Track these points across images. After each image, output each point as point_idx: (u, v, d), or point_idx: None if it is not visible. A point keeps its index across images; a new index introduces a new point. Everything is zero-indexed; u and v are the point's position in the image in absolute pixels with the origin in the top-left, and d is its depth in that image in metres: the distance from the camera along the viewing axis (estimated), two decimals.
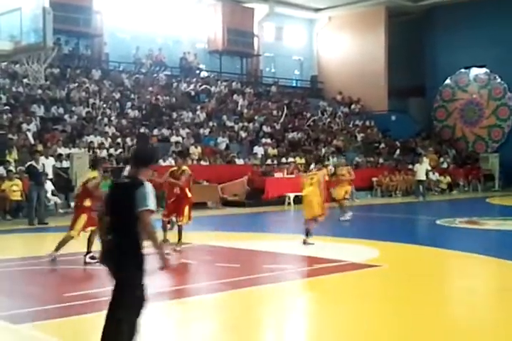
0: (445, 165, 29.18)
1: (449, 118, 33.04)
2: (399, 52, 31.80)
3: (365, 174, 24.95)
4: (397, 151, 29.51)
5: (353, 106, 33.15)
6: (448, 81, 32.85)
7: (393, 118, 32.27)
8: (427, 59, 33.05)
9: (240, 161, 22.94)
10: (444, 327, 6.32)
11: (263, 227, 16.35)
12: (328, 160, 24.23)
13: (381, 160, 27.85)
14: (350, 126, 31.27)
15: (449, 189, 27.76)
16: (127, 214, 4.64)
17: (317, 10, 34.10)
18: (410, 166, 26.28)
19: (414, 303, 7.36)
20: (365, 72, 32.23)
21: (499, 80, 31.07)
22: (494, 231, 14.55)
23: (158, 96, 25.22)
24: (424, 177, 23.87)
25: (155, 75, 27.46)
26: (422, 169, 23.75)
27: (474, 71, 31.97)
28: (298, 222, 18.61)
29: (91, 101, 23.23)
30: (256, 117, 27.47)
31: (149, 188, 4.73)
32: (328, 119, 30.93)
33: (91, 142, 20.62)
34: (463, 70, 32.25)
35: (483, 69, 31.58)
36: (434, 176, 26.87)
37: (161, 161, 21.14)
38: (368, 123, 32.02)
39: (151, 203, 4.67)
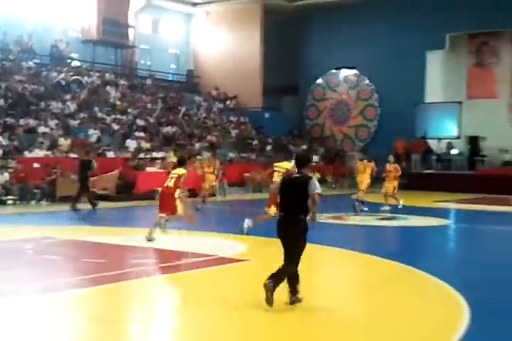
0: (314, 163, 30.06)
1: (320, 116, 34.12)
2: (274, 50, 32.41)
3: (237, 170, 25.27)
4: (268, 147, 30.05)
5: (228, 102, 33.39)
6: (319, 80, 33.90)
7: (267, 115, 32.87)
8: (301, 58, 33.92)
9: (111, 154, 22.45)
10: (306, 323, 6.50)
11: (132, 222, 16.10)
12: (201, 155, 24.29)
13: (253, 157, 28.28)
14: (225, 121, 31.49)
15: None
16: (302, 197, 6.86)
17: (195, 4, 34.09)
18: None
19: (278, 298, 7.50)
20: (241, 69, 32.56)
21: (367, 82, 32.47)
22: (358, 226, 15.20)
23: (26, 85, 24.13)
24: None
25: (23, 63, 26.20)
26: (292, 166, 24.30)
27: (344, 72, 33.20)
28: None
29: None
30: (129, 110, 26.99)
31: (316, 180, 7.01)
32: (204, 114, 30.98)
33: None
34: (334, 71, 33.39)
35: (353, 71, 32.87)
36: None
37: (26, 152, 20.35)
38: (242, 119, 32.38)
39: (320, 189, 6.92)
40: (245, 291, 7.73)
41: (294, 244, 6.95)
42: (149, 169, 21.99)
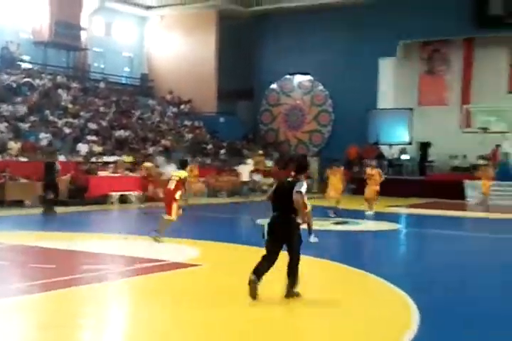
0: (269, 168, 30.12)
1: (274, 122, 34.24)
2: (229, 54, 32.41)
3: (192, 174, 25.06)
4: (222, 151, 30.01)
5: (182, 107, 33.24)
6: (274, 86, 34.02)
7: (222, 120, 32.82)
8: (256, 63, 33.99)
9: (62, 158, 22.05)
10: (259, 326, 6.50)
11: (84, 227, 15.85)
12: (156, 159, 24.10)
13: (208, 161, 28.21)
14: (179, 126, 31.33)
15: None
16: (289, 198, 7.40)
17: (148, 7, 33.87)
18: (236, 167, 26.85)
19: (231, 302, 7.49)
20: (195, 73, 32.46)
21: (321, 88, 32.72)
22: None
23: None
24: (247, 179, 24.46)
25: None
26: (245, 170, 24.33)
27: (298, 78, 33.41)
28: (121, 221, 18.35)
29: None
30: (81, 113, 26.60)
31: (305, 184, 7.58)
32: (158, 118, 30.77)
33: None
34: (288, 76, 33.57)
35: (307, 77, 33.09)
36: (258, 177, 27.64)
37: None
38: (196, 123, 32.27)
39: (304, 190, 7.49)
40: (198, 295, 7.69)
41: (289, 240, 7.55)
42: (101, 173, 21.71)
